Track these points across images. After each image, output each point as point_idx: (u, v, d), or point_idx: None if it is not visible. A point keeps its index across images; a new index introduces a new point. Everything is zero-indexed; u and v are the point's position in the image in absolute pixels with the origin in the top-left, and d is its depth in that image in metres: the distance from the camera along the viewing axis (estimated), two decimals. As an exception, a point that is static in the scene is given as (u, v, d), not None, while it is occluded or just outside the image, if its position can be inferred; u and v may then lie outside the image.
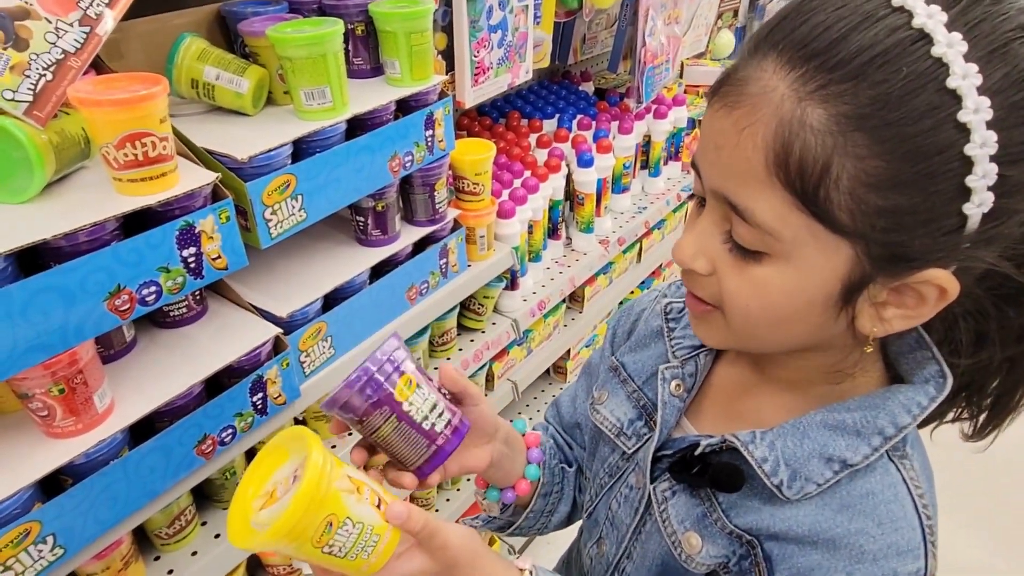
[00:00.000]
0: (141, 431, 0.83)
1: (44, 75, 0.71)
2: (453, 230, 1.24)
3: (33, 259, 0.70)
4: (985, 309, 0.50)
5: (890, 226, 0.44)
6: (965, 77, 0.41)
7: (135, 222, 0.76)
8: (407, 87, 1.03)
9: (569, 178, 1.63)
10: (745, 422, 0.60)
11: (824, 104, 0.43)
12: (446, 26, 1.21)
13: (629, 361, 0.71)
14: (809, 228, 0.45)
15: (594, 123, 1.78)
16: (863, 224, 0.44)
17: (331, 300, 1.03)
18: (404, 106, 1.05)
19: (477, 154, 1.21)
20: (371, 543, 0.50)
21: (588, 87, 2.08)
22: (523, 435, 0.75)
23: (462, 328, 1.43)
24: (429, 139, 1.08)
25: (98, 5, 0.75)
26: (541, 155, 1.64)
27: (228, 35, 1.04)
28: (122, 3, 0.76)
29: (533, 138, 1.70)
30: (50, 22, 0.71)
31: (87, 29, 0.73)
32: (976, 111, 0.41)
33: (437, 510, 1.56)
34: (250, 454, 1.10)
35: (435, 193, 1.15)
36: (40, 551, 0.73)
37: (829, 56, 0.43)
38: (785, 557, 0.54)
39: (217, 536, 1.01)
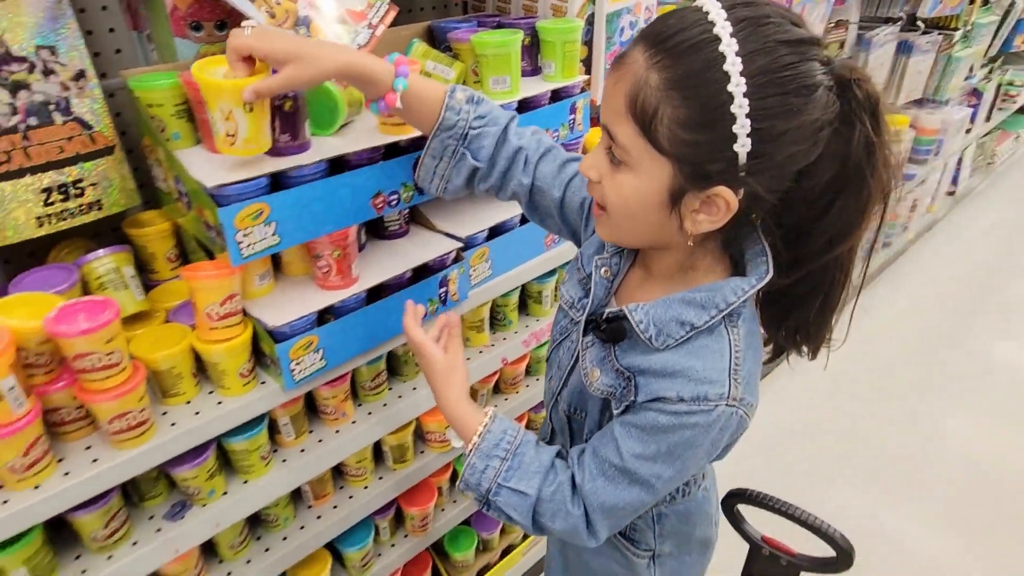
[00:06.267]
0: (370, 298, 1.23)
1: (347, 58, 1.14)
2: (581, 196, 1.59)
3: (333, 168, 1.12)
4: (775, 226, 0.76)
5: (693, 153, 0.66)
6: (733, 65, 0.63)
7: (388, 152, 1.17)
8: (559, 82, 1.41)
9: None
10: (642, 300, 0.81)
11: (658, 72, 0.65)
12: (587, 41, 1.58)
13: (583, 254, 0.95)
14: (647, 149, 0.68)
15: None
16: (676, 150, 0.67)
17: (493, 232, 1.41)
18: (555, 97, 1.43)
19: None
20: None
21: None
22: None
23: (580, 281, 1.76)
24: (571, 121, 1.45)
25: (375, 19, 1.18)
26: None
27: (433, 41, 1.46)
28: (388, 19, 1.19)
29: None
30: (351, 26, 1.15)
31: (371, 32, 1.17)
32: (737, 85, 0.63)
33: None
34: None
35: (571, 164, 1.51)
36: (314, 359, 1.14)
37: (665, 43, 0.65)
38: (645, 384, 0.78)
39: (400, 396, 1.40)
